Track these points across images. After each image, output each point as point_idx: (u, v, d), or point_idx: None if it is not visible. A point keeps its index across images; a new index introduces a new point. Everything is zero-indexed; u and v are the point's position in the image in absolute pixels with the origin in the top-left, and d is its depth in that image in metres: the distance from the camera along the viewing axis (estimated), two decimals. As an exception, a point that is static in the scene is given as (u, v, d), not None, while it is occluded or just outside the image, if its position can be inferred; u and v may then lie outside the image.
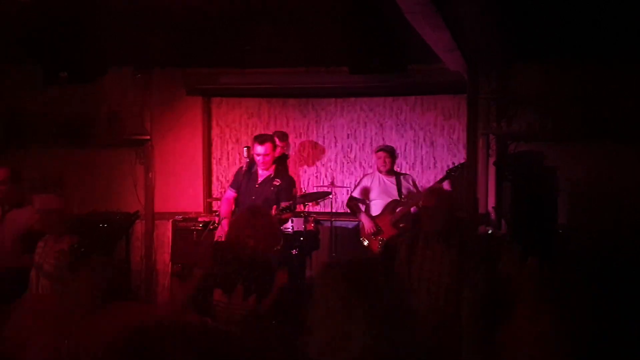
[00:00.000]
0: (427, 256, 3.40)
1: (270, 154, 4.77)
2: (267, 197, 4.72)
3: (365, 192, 5.47)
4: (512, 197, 4.74)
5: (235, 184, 5.00)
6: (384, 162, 5.40)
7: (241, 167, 5.06)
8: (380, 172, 5.46)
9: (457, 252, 3.34)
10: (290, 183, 4.91)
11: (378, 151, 5.53)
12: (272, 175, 4.84)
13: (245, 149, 5.12)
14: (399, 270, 3.51)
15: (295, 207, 4.63)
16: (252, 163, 5.00)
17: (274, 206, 4.51)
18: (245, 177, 4.89)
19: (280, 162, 5.23)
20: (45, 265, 3.66)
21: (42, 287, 3.63)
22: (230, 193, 5.01)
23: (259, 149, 4.74)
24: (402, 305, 1.60)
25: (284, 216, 4.58)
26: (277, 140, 5.22)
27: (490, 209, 5.54)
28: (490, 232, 5.08)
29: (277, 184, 4.79)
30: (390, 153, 5.47)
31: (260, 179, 4.86)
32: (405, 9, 2.95)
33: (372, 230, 5.28)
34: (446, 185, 5.27)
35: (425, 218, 3.46)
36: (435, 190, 3.71)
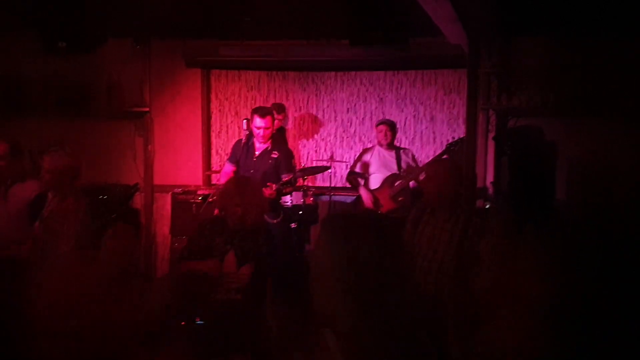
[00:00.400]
0: (429, 225, 3.40)
1: (270, 127, 4.78)
2: (265, 170, 4.73)
3: (365, 166, 5.49)
4: (511, 172, 4.74)
5: (234, 158, 5.01)
6: (385, 135, 5.41)
7: (239, 140, 5.06)
8: (381, 145, 5.47)
9: (459, 228, 3.33)
10: (288, 155, 4.92)
11: (379, 124, 5.53)
12: (270, 148, 4.84)
13: (244, 121, 5.11)
14: (405, 247, 3.51)
15: (296, 181, 4.64)
16: (250, 136, 5.00)
17: (274, 183, 4.53)
18: (243, 150, 4.89)
19: (278, 135, 5.23)
20: (52, 222, 3.68)
21: (46, 243, 3.63)
22: (229, 167, 5.02)
23: (259, 121, 4.74)
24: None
25: (286, 190, 4.59)
26: (274, 113, 5.21)
27: (488, 184, 5.57)
28: (487, 207, 5.12)
29: (275, 156, 4.79)
30: (391, 126, 5.48)
31: (257, 152, 4.86)
32: (407, -22, 2.93)
33: (369, 203, 5.30)
34: (446, 158, 5.29)
35: (430, 189, 3.44)
36: (440, 162, 3.70)
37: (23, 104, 6.01)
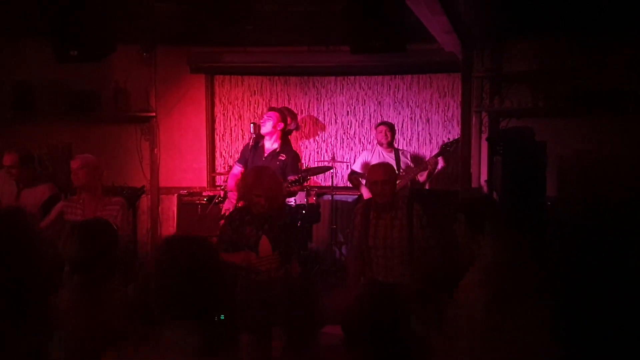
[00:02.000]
0: (380, 224, 3.78)
1: (272, 118, 4.99)
2: (273, 170, 4.93)
3: (365, 165, 5.72)
4: (503, 171, 4.96)
5: (243, 160, 5.20)
6: (385, 135, 5.67)
7: (248, 144, 5.26)
8: (381, 145, 5.72)
9: (407, 221, 3.72)
10: (295, 158, 5.12)
11: (379, 125, 5.80)
12: (278, 150, 5.04)
13: (251, 125, 5.32)
14: (352, 234, 3.95)
15: (304, 180, 4.85)
16: (257, 139, 5.19)
17: (292, 176, 4.74)
18: (251, 152, 5.09)
19: (285, 138, 5.44)
20: (67, 214, 3.91)
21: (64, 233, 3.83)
22: (238, 168, 5.20)
23: (266, 115, 4.99)
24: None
25: (293, 189, 4.78)
26: (288, 118, 5.45)
27: (482, 183, 5.81)
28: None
29: (283, 158, 4.98)
30: (391, 127, 5.74)
31: (266, 153, 5.05)
32: (407, -6, 3.16)
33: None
34: (441, 159, 5.53)
35: (375, 191, 3.79)
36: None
37: (34, 109, 6.19)
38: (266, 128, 5.08)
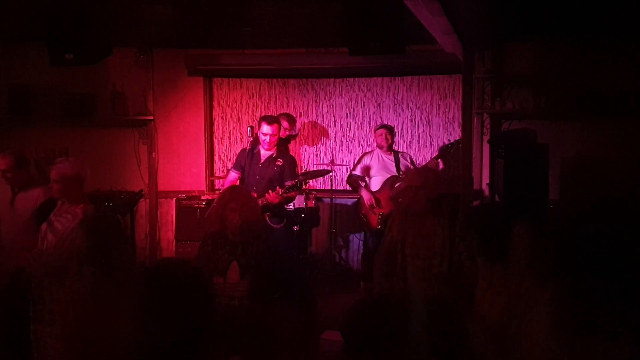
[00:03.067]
0: (422, 233, 3.55)
1: (276, 135, 4.88)
2: (270, 176, 4.85)
3: (365, 169, 5.66)
4: (505, 173, 4.91)
5: (238, 165, 5.12)
6: (385, 138, 5.60)
7: (244, 149, 5.18)
8: (381, 148, 5.66)
9: (448, 226, 3.50)
10: (292, 163, 5.04)
11: (378, 129, 5.73)
12: (275, 155, 4.96)
13: (249, 128, 5.24)
14: (392, 247, 3.66)
15: (302, 185, 4.77)
16: (254, 143, 5.12)
17: (289, 182, 4.66)
18: (248, 157, 5.01)
19: (283, 143, 5.37)
20: (56, 222, 3.80)
21: (48, 242, 3.74)
22: (233, 174, 5.12)
23: (266, 128, 4.83)
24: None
25: (290, 194, 4.71)
26: (286, 122, 5.36)
27: (484, 185, 5.75)
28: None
29: (280, 163, 4.91)
30: (390, 130, 5.67)
31: (262, 159, 4.98)
32: (406, -5, 3.11)
33: (371, 202, 5.47)
34: (440, 162, 5.46)
35: (411, 197, 3.63)
36: (422, 171, 3.88)
37: (30, 113, 6.15)
38: (269, 145, 4.96)
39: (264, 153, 4.97)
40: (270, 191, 4.56)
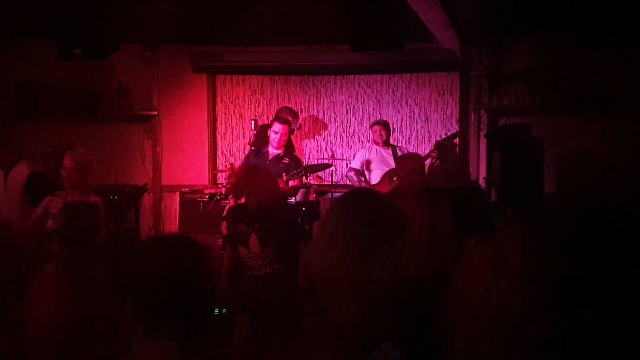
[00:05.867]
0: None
1: (286, 135, 5.09)
2: (277, 173, 5.03)
3: (364, 163, 5.80)
4: (501, 167, 5.03)
5: (246, 164, 5.31)
6: (380, 134, 5.74)
7: (251, 151, 5.38)
8: (377, 144, 5.79)
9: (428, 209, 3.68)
10: (297, 162, 5.25)
11: (373, 125, 5.86)
12: (282, 154, 5.16)
13: (252, 121, 5.40)
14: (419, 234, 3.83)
15: (305, 173, 4.95)
16: (259, 144, 5.30)
17: (284, 174, 4.83)
18: (256, 157, 5.20)
19: (289, 142, 5.55)
20: (52, 208, 3.92)
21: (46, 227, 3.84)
22: None
23: (278, 127, 5.05)
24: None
25: (294, 182, 4.87)
26: (289, 117, 5.51)
27: (481, 179, 5.87)
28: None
29: (286, 161, 5.11)
30: (385, 126, 5.80)
31: (270, 156, 5.17)
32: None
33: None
34: (435, 154, 5.58)
35: (409, 180, 3.76)
36: (416, 155, 4.02)
37: (37, 108, 6.25)
38: (279, 144, 5.13)
39: (272, 151, 5.17)
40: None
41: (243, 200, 3.71)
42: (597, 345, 1.81)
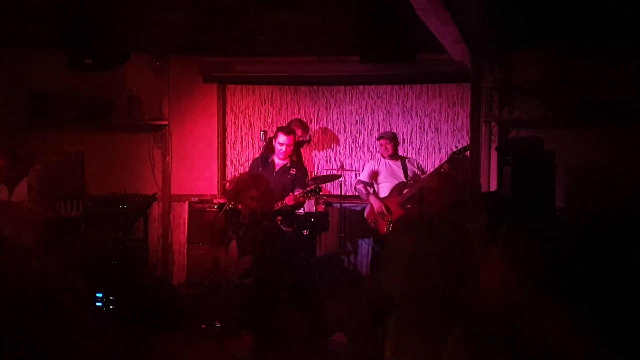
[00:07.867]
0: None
1: (292, 145, 5.06)
2: (284, 184, 5.01)
3: (373, 175, 5.77)
4: (512, 180, 4.99)
5: (250, 171, 5.29)
6: (386, 148, 5.71)
7: (255, 159, 5.36)
8: (384, 157, 5.76)
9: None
10: (304, 173, 5.23)
11: (379, 139, 5.83)
12: (288, 165, 5.14)
13: (262, 132, 5.40)
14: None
15: (320, 190, 4.91)
16: (266, 153, 5.28)
17: (300, 189, 4.80)
18: (261, 165, 5.17)
19: (296, 153, 5.52)
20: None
21: None
22: None
23: (283, 138, 5.02)
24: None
25: (309, 198, 4.86)
26: (299, 129, 5.49)
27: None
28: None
29: (293, 173, 5.09)
30: (391, 139, 5.76)
31: (277, 167, 5.15)
32: (417, 6, 3.22)
33: (381, 210, 5.56)
34: (446, 167, 5.55)
35: (432, 199, 3.69)
36: (439, 173, 3.97)
37: (48, 117, 6.30)
38: (284, 155, 5.11)
39: (278, 162, 5.14)
40: (291, 194, 4.69)
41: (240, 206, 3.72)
42: (607, 352, 1.78)
